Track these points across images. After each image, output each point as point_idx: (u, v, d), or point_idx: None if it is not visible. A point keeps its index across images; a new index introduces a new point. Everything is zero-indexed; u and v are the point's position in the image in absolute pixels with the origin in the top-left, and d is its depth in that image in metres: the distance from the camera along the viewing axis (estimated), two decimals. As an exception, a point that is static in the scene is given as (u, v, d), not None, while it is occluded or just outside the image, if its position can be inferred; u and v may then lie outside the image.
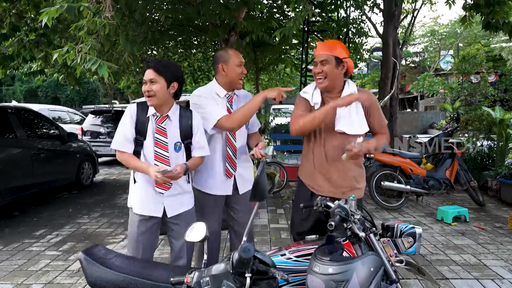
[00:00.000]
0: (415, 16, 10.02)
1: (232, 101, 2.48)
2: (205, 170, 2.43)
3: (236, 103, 2.49)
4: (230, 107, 2.45)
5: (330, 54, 2.20)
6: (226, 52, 2.43)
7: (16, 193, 5.06)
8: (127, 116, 2.14)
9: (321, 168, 2.28)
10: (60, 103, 26.56)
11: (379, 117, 2.31)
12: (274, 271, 1.27)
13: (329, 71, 2.19)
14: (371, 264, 1.46)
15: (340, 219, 1.61)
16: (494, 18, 3.57)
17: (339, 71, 2.22)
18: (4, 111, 5.26)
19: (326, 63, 2.19)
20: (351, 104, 2.13)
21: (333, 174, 2.25)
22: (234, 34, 6.03)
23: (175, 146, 2.17)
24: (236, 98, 2.51)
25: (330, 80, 2.22)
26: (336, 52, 2.21)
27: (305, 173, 2.38)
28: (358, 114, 2.21)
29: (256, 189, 1.51)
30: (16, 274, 3.30)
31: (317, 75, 2.23)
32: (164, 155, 2.14)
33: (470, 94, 8.28)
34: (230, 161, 2.44)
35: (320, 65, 2.21)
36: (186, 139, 2.21)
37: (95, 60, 2.28)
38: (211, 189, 2.46)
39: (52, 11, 2.20)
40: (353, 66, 2.33)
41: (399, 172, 5.31)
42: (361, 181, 2.35)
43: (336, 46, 2.24)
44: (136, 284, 1.55)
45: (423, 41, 26.90)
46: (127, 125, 2.13)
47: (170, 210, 2.21)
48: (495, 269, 3.31)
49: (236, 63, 2.39)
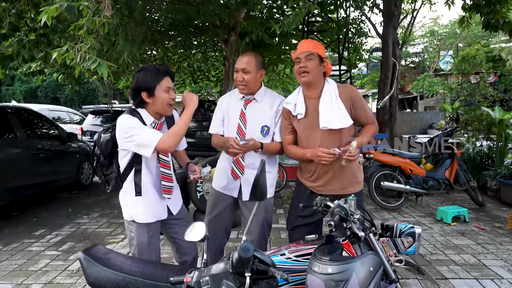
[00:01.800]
0: (414, 17, 10.02)
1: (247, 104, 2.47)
2: (221, 167, 2.53)
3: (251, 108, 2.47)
4: (244, 111, 2.45)
5: (314, 51, 2.26)
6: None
7: (16, 193, 5.05)
8: (138, 122, 2.01)
9: (318, 168, 2.31)
10: (60, 103, 26.53)
11: (363, 108, 2.34)
12: (274, 271, 1.27)
13: (313, 66, 2.25)
14: (370, 263, 1.46)
15: (340, 219, 1.61)
16: (494, 17, 3.58)
17: (321, 68, 2.29)
18: (3, 111, 5.25)
19: (311, 58, 2.25)
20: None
21: (330, 172, 2.29)
22: (234, 34, 6.03)
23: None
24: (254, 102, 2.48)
25: (313, 76, 2.27)
26: (319, 50, 2.28)
27: (303, 174, 2.43)
28: (339, 109, 2.25)
29: (255, 188, 1.51)
30: (16, 274, 3.30)
31: (301, 69, 2.27)
32: (165, 160, 2.18)
33: (469, 95, 8.27)
34: (237, 163, 2.43)
35: (305, 60, 2.26)
36: None
37: (95, 59, 2.28)
38: (217, 185, 2.54)
39: (51, 10, 2.19)
40: (331, 69, 2.41)
41: (398, 172, 5.32)
42: (359, 175, 2.40)
43: (318, 45, 2.33)
44: (135, 283, 1.55)
45: (423, 41, 26.91)
46: (144, 127, 2.02)
47: (173, 208, 2.25)
48: (495, 269, 3.31)
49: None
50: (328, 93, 2.29)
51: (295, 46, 10.34)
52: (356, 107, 2.31)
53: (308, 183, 2.38)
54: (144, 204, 2.13)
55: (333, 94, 2.28)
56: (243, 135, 2.40)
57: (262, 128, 2.43)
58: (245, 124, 2.43)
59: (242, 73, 2.37)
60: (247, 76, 2.36)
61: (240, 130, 2.42)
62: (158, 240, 2.23)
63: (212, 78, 12.60)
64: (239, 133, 2.42)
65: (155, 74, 2.04)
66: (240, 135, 2.41)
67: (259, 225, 2.41)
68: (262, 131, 2.43)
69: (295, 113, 2.33)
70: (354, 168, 2.34)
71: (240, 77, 2.38)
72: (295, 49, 10.44)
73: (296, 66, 2.30)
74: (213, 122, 2.57)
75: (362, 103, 2.36)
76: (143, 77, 2.04)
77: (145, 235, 2.14)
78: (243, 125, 2.43)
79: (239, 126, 2.43)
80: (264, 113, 2.45)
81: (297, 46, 2.37)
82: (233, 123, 2.46)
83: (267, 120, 2.44)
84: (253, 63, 2.36)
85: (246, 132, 2.41)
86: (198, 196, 4.34)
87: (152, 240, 2.17)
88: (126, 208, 2.16)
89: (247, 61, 2.35)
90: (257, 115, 2.44)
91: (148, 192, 2.13)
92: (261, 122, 2.43)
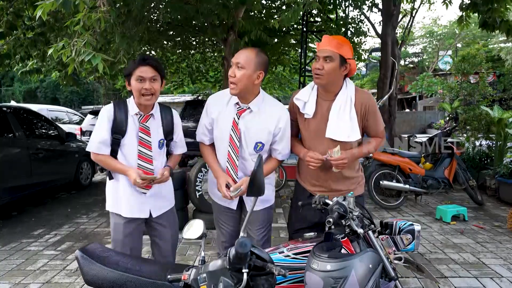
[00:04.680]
0: (413, 16, 10.02)
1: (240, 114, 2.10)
2: (212, 178, 2.27)
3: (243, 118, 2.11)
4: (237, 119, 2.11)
5: (336, 52, 2.02)
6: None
7: (14, 193, 5.04)
8: (103, 118, 2.06)
9: (318, 174, 2.22)
10: (59, 103, 26.51)
11: (375, 120, 2.18)
12: (272, 266, 1.26)
13: (331, 70, 2.03)
14: (369, 261, 1.45)
15: (338, 216, 1.60)
16: (491, 16, 3.58)
17: (341, 71, 2.07)
18: (2, 111, 5.24)
19: (330, 60, 2.02)
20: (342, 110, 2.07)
21: (329, 179, 2.20)
22: (233, 34, 6.03)
23: (158, 143, 2.15)
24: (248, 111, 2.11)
25: (330, 79, 2.07)
26: (343, 51, 2.03)
27: (303, 178, 2.34)
28: (351, 120, 2.07)
29: (252, 184, 1.49)
30: (14, 274, 3.29)
31: (317, 71, 2.05)
32: (147, 154, 2.10)
33: (469, 94, 8.27)
34: (230, 175, 2.14)
35: (322, 61, 2.03)
36: (168, 136, 2.22)
37: (89, 52, 2.27)
38: (214, 196, 2.30)
39: (47, 5, 2.17)
40: (355, 69, 2.16)
41: (398, 171, 5.31)
42: (360, 180, 2.31)
43: (344, 44, 2.06)
44: (133, 281, 1.54)
45: (422, 41, 26.96)
46: (102, 127, 2.05)
47: (155, 211, 2.18)
48: (494, 268, 3.30)
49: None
50: (343, 99, 2.09)
51: (293, 46, 10.35)
52: (368, 118, 2.14)
53: (308, 186, 2.32)
54: (118, 194, 2.12)
55: (348, 100, 2.09)
56: (236, 150, 2.09)
57: (256, 144, 2.11)
58: (238, 137, 2.09)
59: (235, 68, 2.00)
60: (240, 72, 1.97)
61: (232, 143, 2.10)
62: (136, 243, 2.18)
63: (210, 79, 12.59)
64: (232, 146, 2.10)
65: (133, 62, 2.06)
66: (233, 149, 2.10)
67: (260, 238, 2.24)
68: (255, 147, 2.11)
69: (303, 111, 2.15)
70: (354, 175, 2.24)
71: (232, 72, 2.00)
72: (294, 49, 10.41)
73: (313, 64, 2.09)
74: (198, 127, 2.24)
75: (376, 115, 2.18)
76: (127, 65, 2.11)
77: (119, 231, 2.12)
78: (236, 138, 2.09)
79: (231, 138, 2.09)
80: (260, 128, 2.09)
81: (322, 39, 2.12)
82: (224, 133, 2.11)
83: (263, 136, 2.09)
84: (252, 59, 1.98)
85: (239, 146, 2.10)
86: (197, 195, 4.34)
87: (126, 240, 2.12)
88: (107, 196, 2.20)
89: (245, 55, 1.99)
90: (252, 129, 2.09)
91: (122, 181, 2.10)
92: (255, 138, 2.10)
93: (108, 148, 2.07)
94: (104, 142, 2.06)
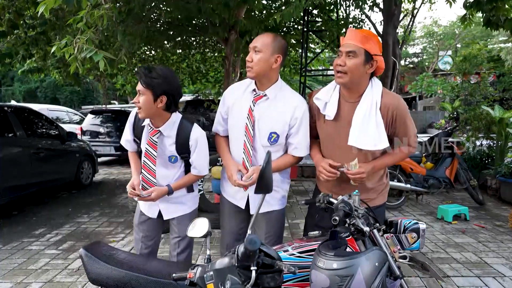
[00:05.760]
0: (414, 16, 10.02)
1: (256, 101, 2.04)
2: (225, 175, 2.24)
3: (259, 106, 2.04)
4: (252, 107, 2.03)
5: (361, 47, 1.81)
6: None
7: (15, 192, 5.03)
8: (129, 119, 2.20)
9: (339, 185, 2.03)
10: (60, 103, 26.48)
11: (405, 128, 1.93)
12: (281, 264, 1.25)
13: (354, 67, 1.82)
14: (375, 259, 1.44)
15: (344, 214, 1.60)
16: (495, 15, 3.57)
17: (366, 69, 1.85)
18: (3, 110, 5.23)
19: (353, 56, 1.82)
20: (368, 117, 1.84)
21: (347, 188, 1.96)
22: (234, 33, 6.01)
23: (169, 158, 2.10)
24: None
25: (353, 78, 1.85)
26: (369, 46, 1.82)
27: (321, 183, 2.15)
28: (377, 126, 1.84)
29: (261, 181, 1.48)
30: (16, 273, 3.28)
31: (339, 68, 1.84)
32: (150, 166, 2.09)
33: (470, 94, 8.28)
34: (246, 167, 2.06)
35: (345, 56, 1.83)
36: (183, 154, 2.10)
37: (91, 49, 2.27)
38: (224, 192, 2.26)
39: (50, 2, 2.16)
40: (383, 67, 1.91)
41: (399, 171, 5.31)
42: (383, 188, 2.12)
43: (371, 38, 1.84)
44: (137, 280, 1.53)
45: (422, 42, 26.98)
46: (127, 128, 2.21)
47: (166, 213, 2.20)
48: (496, 267, 3.30)
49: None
50: (368, 101, 1.87)
51: (294, 46, 10.33)
52: (396, 125, 1.91)
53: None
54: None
55: (374, 103, 1.87)
56: (251, 139, 2.01)
57: (270, 134, 2.00)
58: (252, 125, 2.00)
59: (252, 52, 1.96)
60: (257, 56, 1.92)
61: (248, 133, 2.01)
62: (148, 233, 2.24)
63: (210, 79, 12.57)
64: (247, 136, 2.01)
65: None
66: (249, 139, 2.01)
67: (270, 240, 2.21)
68: (269, 138, 2.01)
69: (323, 112, 1.97)
70: (374, 183, 2.05)
71: (249, 56, 1.96)
72: (294, 49, 10.38)
73: (335, 60, 1.88)
74: (216, 117, 2.23)
75: (406, 122, 1.93)
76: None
77: (136, 218, 2.26)
78: (251, 127, 2.00)
79: (247, 127, 2.00)
80: (275, 117, 2.00)
81: (346, 33, 1.92)
82: (240, 122, 2.04)
83: (278, 126, 2.00)
84: (269, 43, 1.93)
85: (253, 136, 2.01)
86: (199, 194, 4.33)
87: (138, 228, 2.25)
88: None
89: (263, 39, 1.95)
90: (266, 118, 2.00)
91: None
92: (269, 128, 2.00)
93: (132, 146, 2.23)
94: (128, 141, 2.22)
